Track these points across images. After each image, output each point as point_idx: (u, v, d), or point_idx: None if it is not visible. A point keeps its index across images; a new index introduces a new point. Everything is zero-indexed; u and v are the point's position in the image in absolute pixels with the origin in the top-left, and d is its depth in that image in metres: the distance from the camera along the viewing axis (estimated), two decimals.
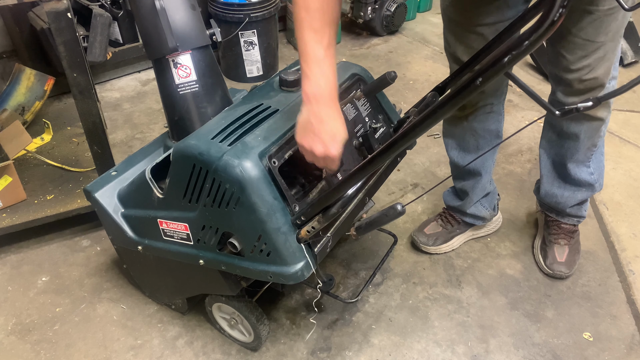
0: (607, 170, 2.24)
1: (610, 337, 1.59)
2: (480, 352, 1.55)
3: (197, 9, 1.36)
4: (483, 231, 1.93)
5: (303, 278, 1.15)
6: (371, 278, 1.65)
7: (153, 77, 2.97)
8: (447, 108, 0.80)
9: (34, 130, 2.23)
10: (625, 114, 2.61)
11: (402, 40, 3.44)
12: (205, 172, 1.14)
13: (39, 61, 2.49)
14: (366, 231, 1.10)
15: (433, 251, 1.86)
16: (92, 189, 1.45)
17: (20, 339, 1.60)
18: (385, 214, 1.01)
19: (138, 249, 1.43)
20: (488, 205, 1.82)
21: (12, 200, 1.84)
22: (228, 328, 1.57)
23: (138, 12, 1.31)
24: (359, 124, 1.37)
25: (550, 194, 1.74)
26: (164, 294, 1.64)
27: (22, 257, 1.86)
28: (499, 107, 1.63)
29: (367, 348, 1.56)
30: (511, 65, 0.69)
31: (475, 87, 0.73)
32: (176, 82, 1.34)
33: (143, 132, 2.52)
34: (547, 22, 0.61)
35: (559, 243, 1.78)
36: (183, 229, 1.27)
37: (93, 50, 1.57)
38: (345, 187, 1.07)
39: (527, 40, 0.64)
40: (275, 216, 1.11)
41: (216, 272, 1.31)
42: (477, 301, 1.70)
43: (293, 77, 1.32)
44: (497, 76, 0.71)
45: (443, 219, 1.89)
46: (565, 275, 1.75)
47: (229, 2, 2.66)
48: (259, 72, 2.93)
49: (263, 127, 1.19)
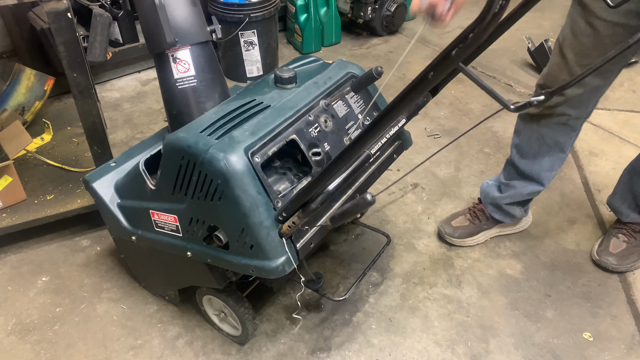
0: (607, 170, 2.24)
1: (610, 337, 1.59)
2: (480, 352, 1.55)
3: (197, 5, 1.37)
4: (511, 229, 1.94)
5: (284, 273, 1.16)
6: (360, 277, 1.66)
7: (153, 77, 2.98)
8: (406, 102, 0.81)
9: (34, 130, 2.23)
10: (626, 114, 2.61)
11: (402, 40, 3.44)
12: (192, 165, 1.16)
13: (39, 61, 2.49)
14: (340, 221, 1.11)
15: (457, 243, 1.89)
16: (91, 179, 1.48)
17: (20, 339, 1.60)
18: (356, 204, 1.03)
19: (132, 239, 1.45)
20: (523, 208, 1.84)
21: (12, 200, 1.84)
22: (218, 321, 1.59)
23: (139, 7, 1.33)
24: (351, 120, 1.38)
25: (618, 210, 1.82)
26: (158, 285, 1.67)
27: (22, 257, 1.86)
28: (575, 123, 1.58)
29: (367, 348, 1.56)
30: (460, 58, 0.71)
31: (428, 81, 0.75)
32: (175, 77, 1.35)
33: (143, 132, 2.52)
34: (489, 15, 0.63)
35: (617, 237, 1.79)
36: (173, 220, 1.29)
37: (93, 50, 1.57)
38: (322, 181, 1.05)
39: (471, 33, 0.66)
40: (257, 210, 1.12)
41: (203, 265, 1.33)
42: (477, 301, 1.70)
43: (288, 75, 1.33)
44: (449, 69, 0.73)
45: (472, 213, 1.91)
46: (611, 267, 1.75)
47: (229, 2, 2.66)
48: (259, 72, 2.93)
49: (252, 122, 1.20)
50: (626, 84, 2.86)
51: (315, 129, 1.27)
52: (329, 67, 1.45)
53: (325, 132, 1.29)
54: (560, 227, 1.98)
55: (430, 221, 2.00)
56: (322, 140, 1.28)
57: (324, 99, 1.33)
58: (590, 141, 2.42)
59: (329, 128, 1.31)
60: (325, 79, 1.38)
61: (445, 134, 2.48)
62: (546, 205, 2.06)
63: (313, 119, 1.28)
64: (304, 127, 1.25)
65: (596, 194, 2.12)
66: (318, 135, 1.27)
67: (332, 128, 1.32)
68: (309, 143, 1.25)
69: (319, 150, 1.26)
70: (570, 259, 1.85)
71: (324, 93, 1.34)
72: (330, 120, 1.32)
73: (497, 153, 2.36)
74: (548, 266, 1.82)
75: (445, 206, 2.06)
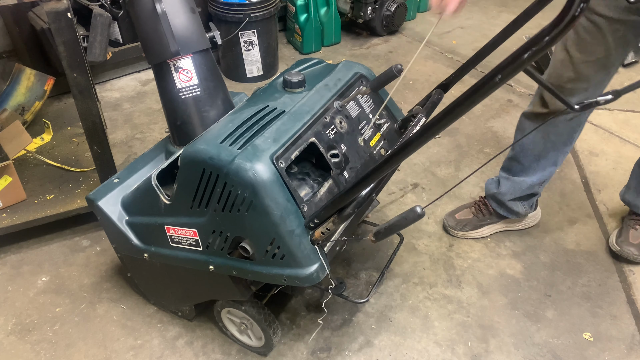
0: (607, 170, 2.24)
1: (610, 337, 1.59)
2: (480, 352, 1.55)
3: (196, 12, 1.34)
4: (517, 225, 1.95)
5: (318, 280, 1.13)
6: (379, 279, 1.65)
7: (153, 77, 2.97)
8: (466, 105, 0.78)
9: (34, 130, 2.23)
10: (626, 114, 2.61)
11: (402, 40, 3.44)
12: (215, 177, 1.12)
13: (39, 61, 2.49)
14: (385, 236, 1.06)
15: (460, 236, 1.91)
16: (95, 197, 1.42)
17: (20, 339, 1.60)
18: (405, 217, 0.97)
19: (144, 256, 1.41)
20: (527, 203, 1.84)
21: (12, 200, 1.84)
22: (237, 333, 1.55)
23: (138, 16, 1.29)
24: (363, 120, 1.37)
25: (632, 204, 1.82)
26: (171, 302, 1.62)
27: (22, 257, 1.86)
28: (580, 118, 1.60)
29: (367, 348, 1.56)
30: (530, 61, 0.69)
31: (494, 83, 0.72)
32: (178, 87, 1.32)
33: (143, 132, 2.52)
34: (567, 17, 0.61)
35: (636, 229, 1.80)
36: (192, 234, 1.25)
37: (93, 50, 1.56)
38: (361, 187, 1.04)
39: (547, 36, 0.63)
40: (288, 219, 1.09)
41: (226, 278, 1.30)
42: (477, 301, 1.70)
43: (297, 79, 1.31)
44: (517, 72, 0.70)
45: (476, 207, 1.93)
46: (632, 257, 1.75)
47: (229, 2, 2.66)
48: (259, 72, 2.93)
49: (272, 129, 1.17)
50: (626, 83, 2.84)
51: (332, 131, 1.26)
52: (336, 68, 1.43)
53: (341, 133, 1.28)
54: (560, 227, 1.98)
55: (430, 221, 2.00)
56: (339, 142, 1.26)
57: (337, 100, 1.31)
58: (590, 141, 2.42)
59: (344, 129, 1.29)
60: (335, 80, 1.37)
61: (445, 134, 2.48)
62: (546, 205, 2.06)
63: (329, 121, 1.26)
64: (321, 129, 1.23)
65: (596, 194, 2.12)
66: (335, 137, 1.26)
67: (347, 129, 1.30)
68: (327, 145, 1.23)
69: (337, 152, 1.24)
70: (570, 259, 1.85)
71: (336, 94, 1.33)
72: (344, 121, 1.31)
73: (497, 153, 2.36)
74: (548, 266, 1.83)
75: (445, 206, 2.06)
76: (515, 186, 1.78)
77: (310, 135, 1.20)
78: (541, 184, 1.78)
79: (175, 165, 1.24)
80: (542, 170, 1.72)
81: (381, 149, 1.38)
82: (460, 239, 1.92)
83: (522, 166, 1.74)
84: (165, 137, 1.51)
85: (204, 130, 1.31)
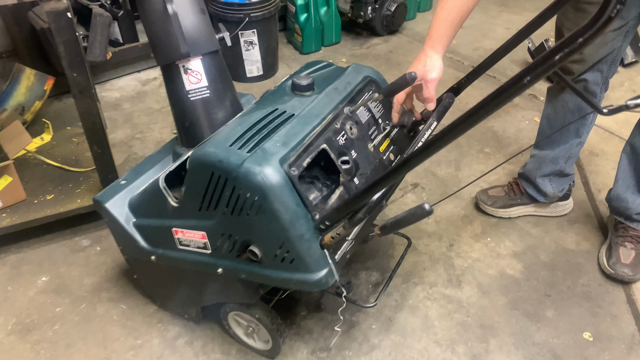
0: (607, 170, 2.24)
1: (610, 337, 1.59)
2: (480, 352, 1.55)
3: (206, 13, 1.33)
4: (547, 211, 1.99)
5: (327, 285, 1.13)
6: (388, 282, 1.63)
7: (153, 77, 2.98)
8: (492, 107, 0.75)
9: (34, 130, 2.23)
10: (626, 114, 2.59)
11: (402, 40, 3.44)
12: (224, 180, 1.12)
13: (39, 61, 2.48)
14: (391, 231, 1.06)
15: (490, 212, 1.99)
16: (102, 199, 1.41)
17: (20, 339, 1.60)
18: (413, 213, 0.94)
19: (151, 259, 1.40)
20: (556, 185, 1.88)
21: (12, 200, 1.84)
22: (244, 336, 1.54)
23: (147, 16, 1.27)
24: (373, 126, 1.35)
25: (621, 198, 1.77)
26: (178, 304, 1.61)
27: (22, 257, 1.86)
28: (595, 88, 1.65)
29: (367, 348, 1.56)
30: (561, 62, 0.67)
31: (522, 85, 0.70)
32: (187, 88, 1.31)
33: (143, 132, 2.52)
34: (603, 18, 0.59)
35: (625, 246, 1.77)
36: (200, 237, 1.25)
37: (93, 50, 1.56)
38: (374, 191, 1.03)
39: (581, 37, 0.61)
40: (298, 223, 1.09)
41: (235, 280, 1.29)
42: (477, 301, 1.70)
43: (306, 82, 1.30)
44: (546, 74, 0.68)
45: (508, 186, 2.00)
46: (627, 278, 1.72)
47: (229, 2, 2.66)
48: (259, 72, 2.93)
49: (281, 133, 1.16)
50: (626, 83, 2.85)
51: (343, 137, 1.24)
52: (346, 71, 1.42)
53: (351, 140, 1.26)
54: (560, 227, 1.98)
55: (430, 221, 2.00)
56: (350, 148, 1.25)
57: (347, 105, 1.30)
58: (590, 141, 2.42)
59: (354, 135, 1.28)
60: (345, 84, 1.35)
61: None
62: None
63: (340, 127, 1.24)
64: (332, 135, 1.22)
65: (596, 194, 2.12)
66: (346, 143, 1.24)
67: (357, 135, 1.29)
68: (338, 152, 1.22)
69: (348, 159, 1.23)
70: (570, 259, 1.85)
71: (346, 99, 1.31)
72: (354, 127, 1.29)
73: (497, 153, 2.36)
74: (548, 266, 1.83)
75: (446, 206, 2.06)
76: (541, 160, 1.84)
77: (321, 141, 1.18)
78: (567, 160, 1.82)
79: (183, 167, 1.23)
80: (565, 143, 1.78)
81: (390, 154, 1.37)
82: (488, 215, 1.99)
83: (548, 139, 1.80)
84: (173, 138, 1.50)
85: (213, 132, 1.29)
